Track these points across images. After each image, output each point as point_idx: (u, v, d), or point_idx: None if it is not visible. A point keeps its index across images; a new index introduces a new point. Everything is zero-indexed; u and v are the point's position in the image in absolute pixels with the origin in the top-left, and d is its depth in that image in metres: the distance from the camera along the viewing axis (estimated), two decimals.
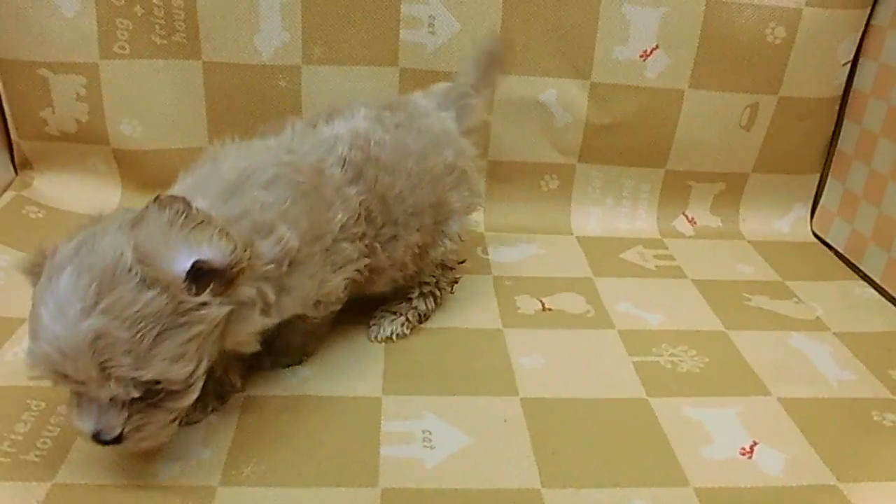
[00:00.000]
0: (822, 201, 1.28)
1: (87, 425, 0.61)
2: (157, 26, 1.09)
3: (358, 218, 0.77)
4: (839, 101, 1.22)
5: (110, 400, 0.59)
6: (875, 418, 0.84)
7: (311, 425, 0.77)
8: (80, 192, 1.17)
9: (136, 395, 0.58)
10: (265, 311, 0.68)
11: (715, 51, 1.14)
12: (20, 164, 1.18)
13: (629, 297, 1.05)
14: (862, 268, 1.16)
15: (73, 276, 0.57)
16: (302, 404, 0.80)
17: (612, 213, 1.25)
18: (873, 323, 1.03)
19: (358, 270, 0.80)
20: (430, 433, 0.77)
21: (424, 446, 0.75)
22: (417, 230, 0.86)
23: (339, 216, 0.75)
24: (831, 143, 1.25)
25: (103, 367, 0.56)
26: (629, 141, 1.21)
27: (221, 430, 0.76)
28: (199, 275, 0.59)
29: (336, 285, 0.77)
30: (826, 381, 0.89)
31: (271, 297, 0.68)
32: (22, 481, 0.68)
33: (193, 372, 0.61)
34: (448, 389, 0.84)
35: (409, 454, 0.74)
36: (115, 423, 0.60)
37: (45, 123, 1.13)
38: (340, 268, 0.77)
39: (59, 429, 0.74)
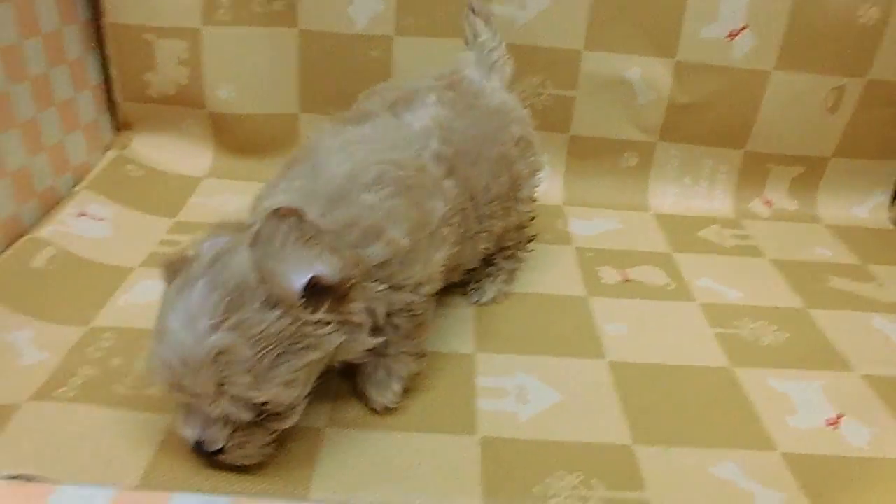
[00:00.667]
0: None
1: (191, 434, 0.64)
2: None
3: (455, 212, 0.78)
4: None
5: (216, 416, 0.61)
6: None
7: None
8: (174, 154, 1.23)
9: (245, 417, 0.60)
10: (374, 332, 0.68)
11: (804, 32, 1.14)
12: (121, 126, 1.24)
13: (708, 273, 1.06)
14: None
15: (206, 289, 0.58)
16: None
17: (690, 192, 1.26)
18: None
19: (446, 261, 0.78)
20: (523, 389, 0.80)
21: (518, 401, 0.79)
22: (499, 218, 0.88)
23: (440, 207, 0.75)
24: None
25: (220, 384, 0.58)
26: (711, 121, 1.21)
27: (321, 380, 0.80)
28: (314, 292, 0.59)
29: (436, 262, 0.75)
30: None
31: (381, 317, 0.69)
32: (147, 412, 0.74)
33: (300, 396, 0.63)
34: (537, 350, 0.87)
35: (504, 408, 0.78)
36: (218, 437, 0.63)
37: (148, 86, 1.18)
38: (440, 246, 0.76)
39: None
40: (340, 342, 0.63)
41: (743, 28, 1.15)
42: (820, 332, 0.95)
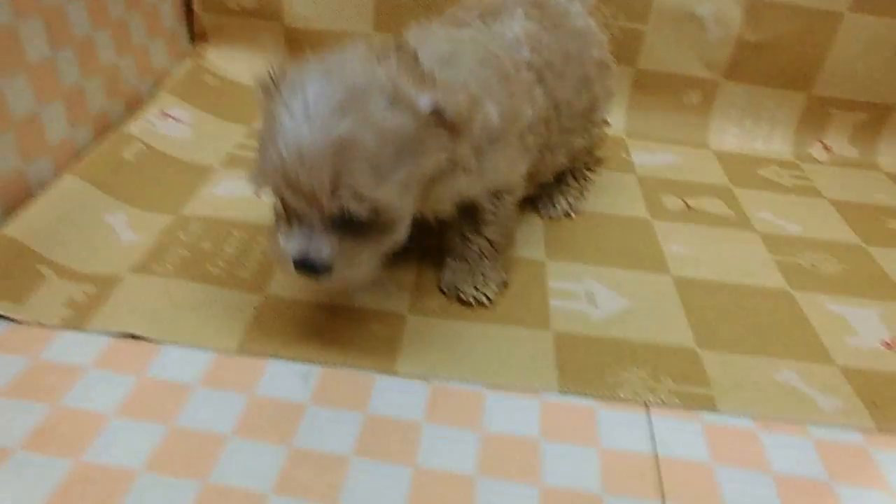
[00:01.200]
0: None
1: (296, 247, 0.61)
2: None
3: (540, 121, 0.81)
4: None
5: (322, 226, 0.60)
6: None
7: None
8: (248, 67, 1.26)
9: (362, 214, 0.58)
10: (466, 172, 0.70)
11: None
12: (197, 37, 1.27)
13: (768, 208, 1.08)
14: None
15: (325, 84, 0.58)
16: None
17: (750, 134, 1.28)
18: None
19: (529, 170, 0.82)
20: (593, 294, 0.84)
21: (589, 303, 0.82)
22: (577, 134, 0.92)
23: (530, 112, 0.78)
24: None
25: (339, 177, 0.56)
26: (778, 61, 1.22)
27: (401, 272, 0.84)
28: (436, 119, 0.61)
29: (519, 172, 0.79)
30: None
31: (474, 163, 0.71)
32: (238, 290, 0.78)
33: (408, 208, 0.63)
34: (605, 261, 0.90)
35: (576, 307, 0.81)
36: (324, 248, 0.61)
37: None
38: (525, 154, 0.79)
39: (262, 252, 0.85)
40: (437, 176, 0.65)
41: None
42: (878, 265, 0.97)
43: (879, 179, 1.24)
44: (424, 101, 0.60)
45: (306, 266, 0.62)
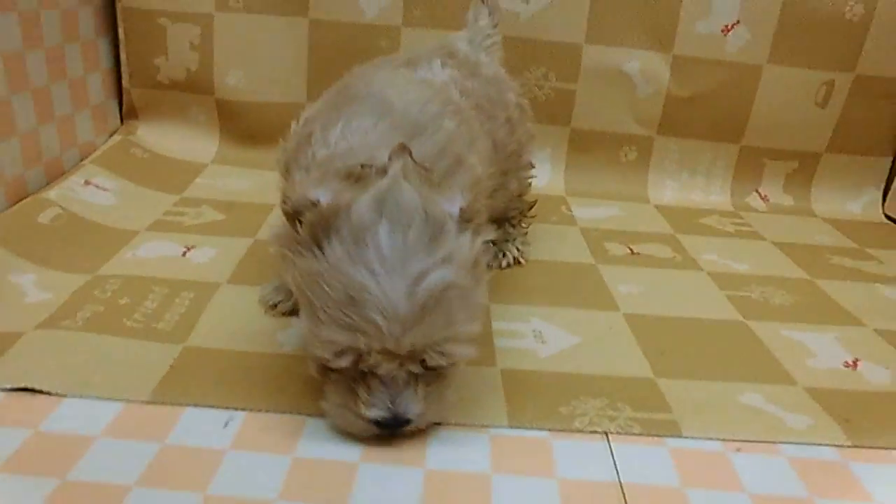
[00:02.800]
0: (894, 185, 1.30)
1: (383, 411, 0.56)
2: None
3: (488, 161, 0.79)
4: None
5: (405, 378, 0.56)
6: None
7: None
8: (180, 141, 1.23)
9: (442, 363, 0.55)
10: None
11: (794, 27, 1.19)
12: (126, 113, 1.25)
13: (713, 251, 1.07)
14: None
15: (396, 231, 0.52)
16: None
17: (687, 186, 1.29)
18: None
19: None
20: (540, 332, 0.79)
21: (536, 341, 0.77)
22: (513, 175, 0.92)
23: (472, 160, 0.73)
24: None
25: (446, 329, 0.53)
26: (707, 115, 1.25)
27: None
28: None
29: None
30: None
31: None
32: (155, 342, 0.72)
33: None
34: (551, 302, 0.86)
35: (524, 346, 0.76)
36: (412, 404, 0.57)
37: (158, 71, 1.20)
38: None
39: (185, 306, 0.78)
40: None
41: (736, 23, 1.20)
42: (828, 296, 0.95)
43: (817, 224, 1.25)
44: (455, 208, 0.56)
45: (394, 424, 0.58)
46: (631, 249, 1.04)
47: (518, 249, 0.98)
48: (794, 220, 1.25)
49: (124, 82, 1.22)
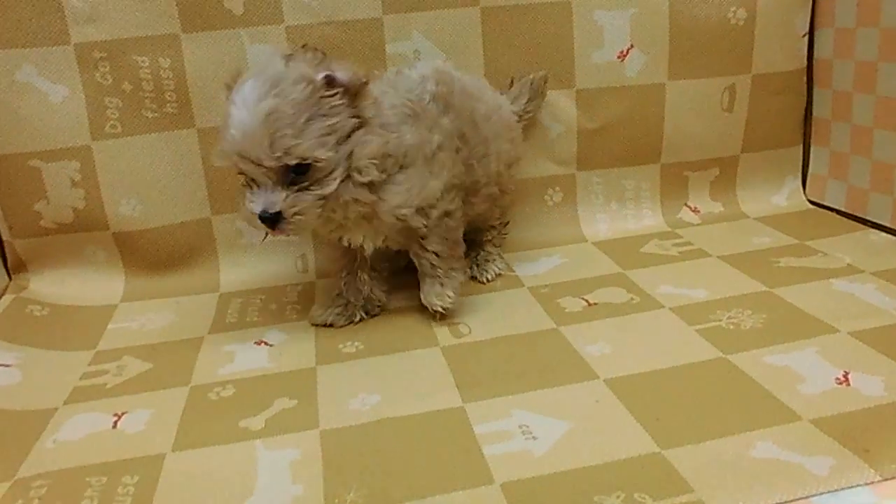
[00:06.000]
0: (811, 169, 1.32)
1: (257, 206, 0.82)
2: (147, 100, 1.08)
3: (452, 138, 0.95)
4: (805, 72, 1.28)
5: (273, 185, 0.82)
6: None
7: (401, 445, 0.72)
8: (80, 286, 1.12)
9: (293, 161, 0.80)
10: (382, 134, 0.87)
11: (686, 41, 1.19)
12: (13, 267, 1.12)
13: (666, 281, 1.04)
14: (868, 217, 1.19)
15: (252, 81, 0.81)
16: (383, 429, 0.75)
17: (619, 216, 1.27)
18: None
19: (458, 187, 0.97)
20: (527, 426, 0.73)
21: (526, 439, 0.71)
22: (501, 146, 1.05)
23: (437, 138, 0.93)
24: (807, 113, 1.31)
25: (272, 140, 0.78)
26: (622, 141, 1.24)
27: (305, 467, 0.70)
28: (332, 84, 0.82)
29: (434, 188, 0.92)
30: (884, 311, 0.90)
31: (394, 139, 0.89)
32: None
33: (333, 160, 0.82)
34: (527, 386, 0.80)
35: (515, 448, 0.70)
36: (276, 199, 0.82)
37: (40, 217, 1.08)
38: (438, 174, 0.93)
39: (131, 495, 0.68)
40: (356, 134, 0.84)
41: (630, 48, 1.19)
42: (792, 306, 0.94)
43: (751, 225, 1.26)
44: (319, 75, 0.82)
45: (266, 219, 0.83)
46: (587, 301, 1.00)
47: (498, 266, 1.12)
48: (728, 227, 1.25)
49: (4, 235, 1.10)
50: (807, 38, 1.26)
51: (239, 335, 0.99)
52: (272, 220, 0.82)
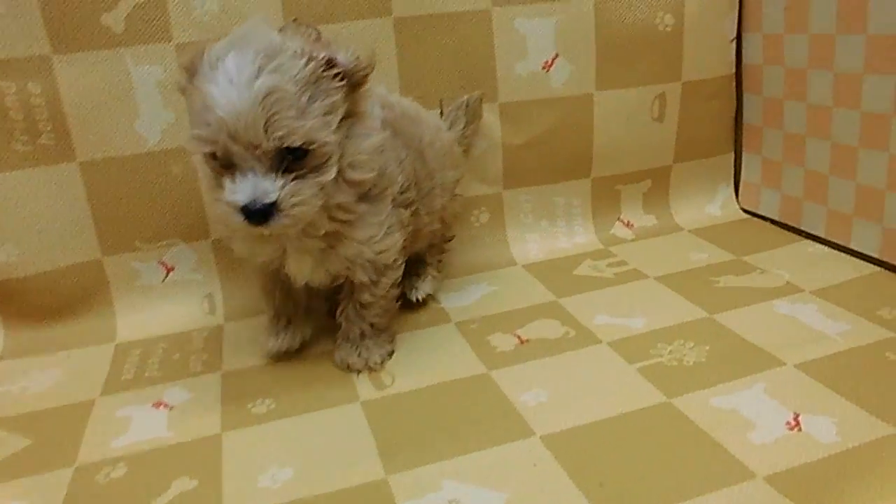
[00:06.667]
0: (743, 177, 1.29)
1: (244, 194, 0.69)
2: (17, 132, 0.95)
3: (409, 185, 0.87)
4: (734, 78, 1.24)
5: (265, 171, 0.70)
6: (892, 358, 0.80)
7: None
8: None
9: (296, 143, 0.69)
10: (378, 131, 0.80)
11: (613, 49, 1.13)
12: None
13: (602, 309, 0.98)
14: (803, 227, 1.16)
15: (238, 55, 0.68)
16: None
17: (550, 234, 1.20)
18: (838, 274, 1.02)
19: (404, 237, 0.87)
20: (459, 501, 0.65)
21: None
22: (446, 177, 0.98)
23: (400, 178, 0.85)
24: (737, 120, 1.27)
25: (271, 120, 0.67)
26: (550, 156, 1.17)
27: None
28: (331, 66, 0.72)
29: (391, 245, 0.84)
30: (828, 337, 0.86)
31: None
32: None
33: (333, 143, 0.72)
34: (458, 449, 0.72)
35: None
36: (270, 188, 0.70)
37: None
38: (394, 232, 0.84)
39: None
40: (349, 132, 0.75)
41: (555, 57, 1.12)
42: (735, 334, 0.89)
43: (685, 238, 1.21)
44: (322, 53, 0.71)
45: (256, 212, 0.70)
46: (519, 337, 0.93)
47: (430, 286, 1.03)
48: (663, 242, 1.20)
49: None
50: (734, 43, 1.21)
51: (135, 396, 0.88)
52: (263, 213, 0.70)
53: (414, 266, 1.03)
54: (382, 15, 1.04)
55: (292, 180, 0.71)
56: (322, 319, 0.95)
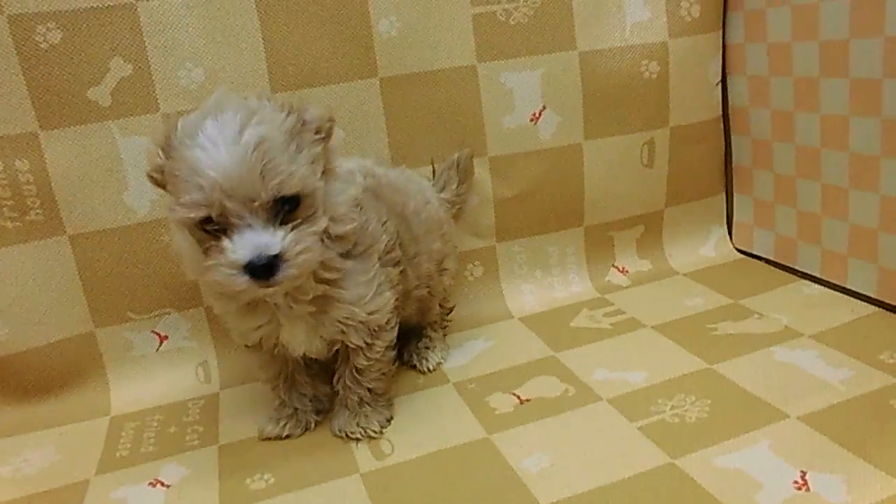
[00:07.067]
0: (735, 217, 1.28)
1: (246, 251, 0.68)
2: (5, 209, 0.94)
3: (394, 245, 0.86)
4: (721, 120, 1.24)
5: (263, 225, 0.69)
6: None
7: None
8: None
9: (291, 191, 0.69)
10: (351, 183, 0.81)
11: (600, 98, 1.14)
12: None
13: (600, 363, 0.97)
14: (798, 268, 1.16)
15: (217, 119, 0.68)
16: None
17: (545, 285, 1.19)
18: (837, 316, 1.01)
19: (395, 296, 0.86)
20: None
21: None
22: (432, 246, 0.96)
23: (384, 237, 0.84)
24: (727, 162, 1.27)
25: (266, 168, 0.67)
26: (542, 206, 1.17)
27: None
28: (305, 123, 0.74)
29: (382, 304, 0.83)
30: (830, 386, 0.85)
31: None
32: None
33: (321, 192, 0.73)
34: None
35: None
36: (272, 240, 0.69)
37: None
38: (385, 291, 0.83)
39: None
40: (328, 188, 0.75)
41: (542, 109, 1.12)
42: (736, 385, 0.87)
43: (681, 283, 1.20)
44: (295, 114, 0.73)
45: (261, 267, 0.68)
46: (518, 397, 0.92)
47: (439, 355, 1.02)
48: (659, 287, 1.19)
49: None
50: (720, 86, 1.22)
51: (131, 474, 0.86)
52: (268, 268, 0.68)
53: (419, 337, 1.04)
54: (368, 76, 1.05)
55: (291, 230, 0.70)
56: (328, 408, 0.93)
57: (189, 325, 1.05)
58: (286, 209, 0.70)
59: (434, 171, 1.09)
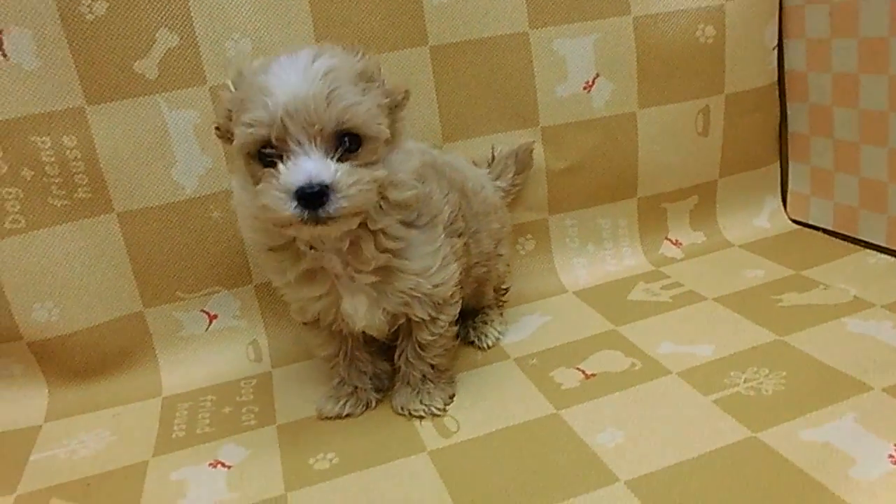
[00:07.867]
0: (790, 187, 1.25)
1: (298, 176, 0.66)
2: (53, 187, 0.92)
3: (457, 216, 0.84)
4: (777, 86, 1.20)
5: (321, 154, 0.67)
6: None
7: None
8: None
9: (356, 122, 0.67)
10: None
11: (655, 64, 1.10)
12: None
13: (665, 336, 0.94)
14: (861, 237, 1.12)
15: (289, 56, 0.69)
16: None
17: (598, 259, 1.16)
18: None
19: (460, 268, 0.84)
20: None
21: None
22: (491, 226, 0.95)
23: (447, 209, 0.82)
24: (782, 129, 1.23)
25: (332, 95, 0.66)
26: (594, 178, 1.13)
27: None
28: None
29: (447, 277, 0.81)
30: None
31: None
32: None
33: (383, 140, 0.71)
34: (541, 502, 0.68)
35: None
36: (326, 169, 0.66)
37: None
38: (450, 263, 0.81)
39: None
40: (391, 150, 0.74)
41: (596, 77, 1.09)
42: (811, 357, 0.84)
43: (737, 254, 1.17)
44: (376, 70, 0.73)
45: (312, 194, 0.65)
46: (583, 372, 0.89)
47: (497, 330, 1.01)
48: (715, 260, 1.16)
49: None
50: (776, 50, 1.18)
51: (189, 455, 0.85)
52: (319, 196, 0.65)
53: (476, 313, 1.02)
54: (418, 44, 1.02)
55: (346, 164, 0.68)
56: (388, 386, 0.92)
57: (239, 303, 1.03)
58: (347, 146, 0.68)
59: (493, 157, 1.07)
